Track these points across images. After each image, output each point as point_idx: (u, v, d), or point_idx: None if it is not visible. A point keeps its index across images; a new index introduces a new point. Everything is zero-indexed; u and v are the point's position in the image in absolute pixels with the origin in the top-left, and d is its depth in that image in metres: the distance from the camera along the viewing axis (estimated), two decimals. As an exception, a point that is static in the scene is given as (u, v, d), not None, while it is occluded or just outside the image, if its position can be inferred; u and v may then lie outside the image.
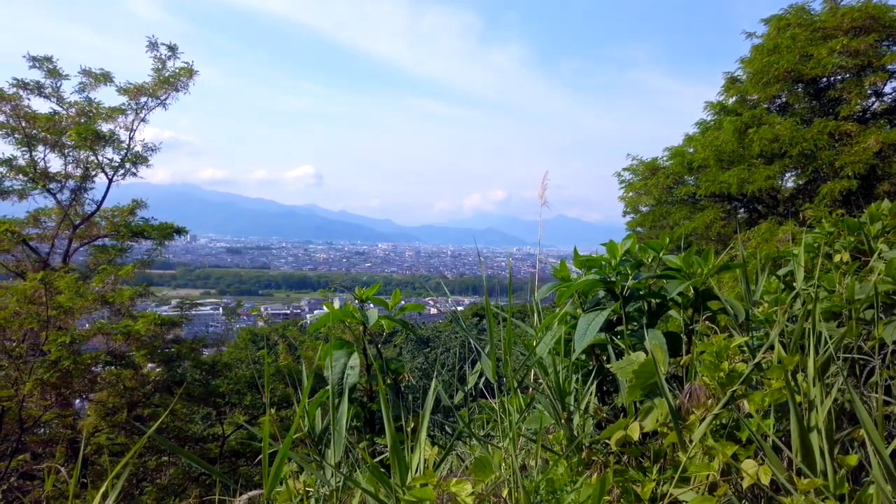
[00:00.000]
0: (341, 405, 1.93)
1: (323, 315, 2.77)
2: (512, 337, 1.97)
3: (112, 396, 10.62)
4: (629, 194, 16.11)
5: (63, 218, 12.05)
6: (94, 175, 12.54)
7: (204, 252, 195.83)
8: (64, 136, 11.88)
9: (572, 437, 1.96)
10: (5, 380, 9.16)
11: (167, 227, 12.70)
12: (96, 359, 9.85)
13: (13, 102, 11.86)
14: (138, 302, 11.71)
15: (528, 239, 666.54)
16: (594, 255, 2.64)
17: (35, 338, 9.50)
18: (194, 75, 12.53)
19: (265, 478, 1.54)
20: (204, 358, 11.73)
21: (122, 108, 12.56)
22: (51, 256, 11.96)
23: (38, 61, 12.35)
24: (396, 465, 1.47)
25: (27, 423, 9.27)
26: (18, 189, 12.25)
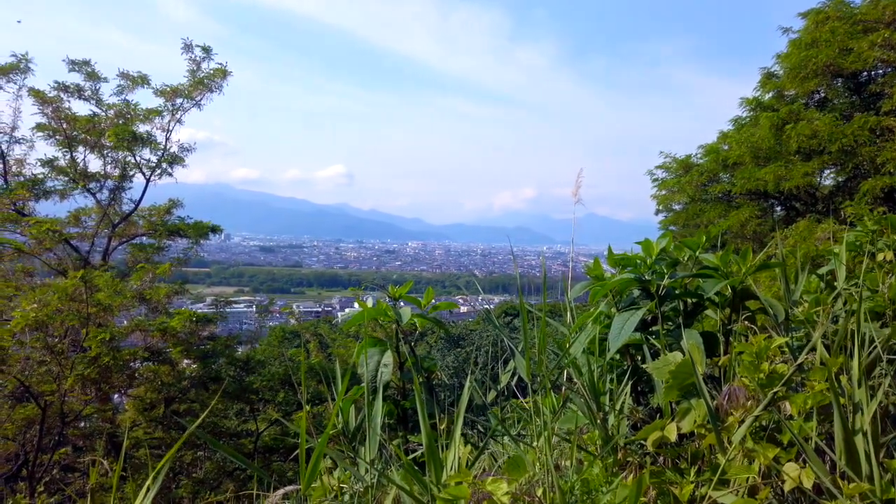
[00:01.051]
0: (376, 402, 1.95)
1: (357, 313, 2.79)
2: (546, 336, 1.96)
3: (150, 392, 10.86)
4: (662, 192, 15.91)
5: (102, 217, 12.36)
6: (132, 175, 12.83)
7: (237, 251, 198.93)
8: (103, 137, 12.17)
9: (607, 438, 1.94)
10: (48, 375, 9.43)
11: (202, 225, 12.92)
12: (134, 355, 10.07)
13: (55, 105, 12.20)
14: (174, 299, 11.96)
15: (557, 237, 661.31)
16: (629, 254, 2.61)
17: (76, 334, 9.75)
18: (228, 76, 12.73)
19: (302, 473, 1.56)
20: (238, 355, 11.92)
21: (159, 110, 12.82)
22: (91, 255, 12.27)
23: (76, 65, 12.67)
24: (431, 463, 1.48)
25: (69, 417, 9.52)
26: (60, 189, 12.59)
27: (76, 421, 10.02)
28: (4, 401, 9.53)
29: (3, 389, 9.80)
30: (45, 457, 9.39)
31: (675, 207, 15.69)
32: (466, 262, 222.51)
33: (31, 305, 9.07)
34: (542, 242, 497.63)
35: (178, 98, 12.69)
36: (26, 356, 9.35)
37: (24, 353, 9.39)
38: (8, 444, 9.53)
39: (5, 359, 9.00)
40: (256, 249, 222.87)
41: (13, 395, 9.62)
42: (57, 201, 12.54)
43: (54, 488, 9.86)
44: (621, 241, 17.92)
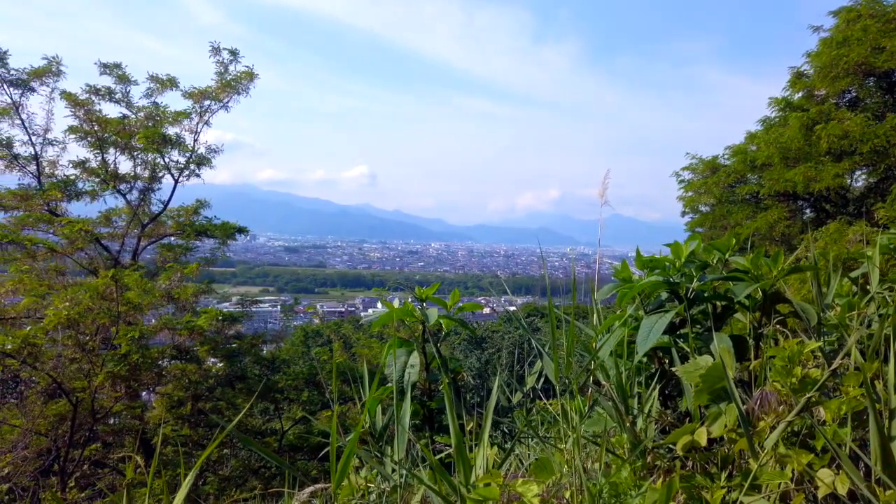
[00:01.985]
0: (404, 402, 1.96)
1: (384, 314, 2.81)
2: (574, 338, 1.96)
3: (177, 389, 11.03)
4: (688, 194, 15.74)
5: (132, 217, 12.59)
6: (161, 176, 13.06)
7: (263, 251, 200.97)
8: (133, 139, 12.40)
9: (636, 441, 1.93)
10: (79, 372, 9.62)
11: (229, 226, 13.10)
12: (163, 353, 10.24)
13: (86, 107, 12.45)
14: (201, 298, 12.13)
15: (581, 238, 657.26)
16: (657, 256, 2.59)
17: (106, 332, 9.94)
18: (254, 79, 12.88)
19: (333, 472, 1.58)
20: (263, 354, 12.06)
21: (187, 112, 13.02)
22: (121, 254, 12.51)
23: (107, 68, 12.93)
24: (460, 464, 1.49)
25: (99, 413, 9.71)
26: (91, 190, 12.85)
27: (106, 417, 10.21)
28: (37, 397, 9.75)
29: (36, 386, 10.03)
30: (77, 452, 9.59)
31: (702, 209, 15.51)
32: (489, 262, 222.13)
33: (64, 304, 9.27)
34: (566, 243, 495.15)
35: (206, 100, 12.88)
36: (58, 353, 9.56)
37: (57, 350, 9.61)
38: (40, 439, 9.74)
39: (38, 356, 9.21)
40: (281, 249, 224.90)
41: (46, 392, 9.83)
42: (88, 202, 12.81)
43: (85, 483, 10.06)
44: (646, 242, 17.49)
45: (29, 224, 11.96)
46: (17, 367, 9.48)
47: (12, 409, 10.03)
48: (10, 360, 8.99)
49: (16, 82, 12.15)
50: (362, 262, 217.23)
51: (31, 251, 11.63)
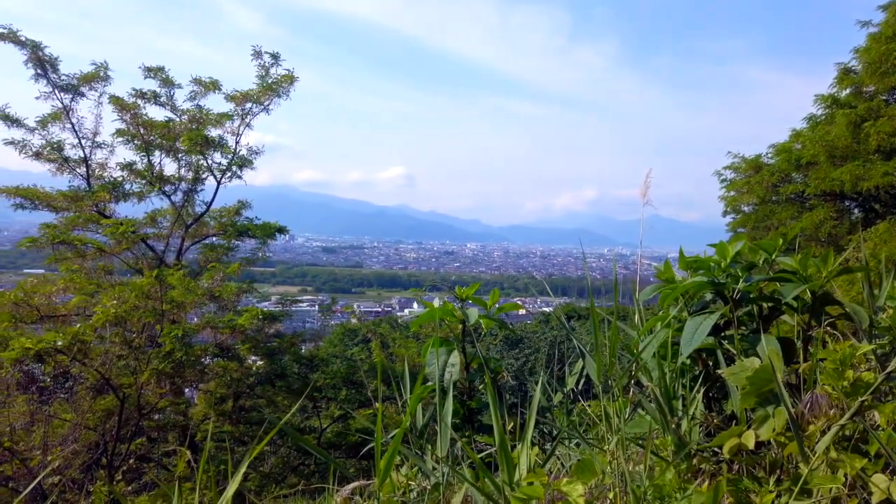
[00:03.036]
0: (447, 401, 1.98)
1: (425, 313, 2.83)
2: (618, 339, 1.95)
3: (219, 387, 11.26)
4: (730, 193, 15.45)
5: (177, 218, 12.91)
6: (205, 178, 13.36)
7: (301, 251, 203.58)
8: (177, 141, 12.72)
9: (680, 443, 1.91)
10: (126, 369, 9.91)
11: (270, 226, 13.32)
12: (205, 351, 10.47)
13: (133, 111, 12.81)
14: (242, 298, 12.37)
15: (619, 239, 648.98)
16: (701, 257, 2.55)
17: (151, 330, 10.21)
18: (295, 82, 13.09)
19: (377, 469, 1.60)
20: (303, 352, 12.23)
21: (229, 115, 13.29)
22: (166, 254, 12.84)
23: (151, 71, 13.29)
24: (504, 463, 1.49)
25: (145, 409, 9.98)
26: (137, 191, 13.21)
27: (151, 413, 10.48)
28: (86, 392, 10.06)
29: (85, 381, 10.35)
30: (123, 446, 9.86)
31: (745, 209, 15.20)
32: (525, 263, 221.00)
33: (112, 302, 9.56)
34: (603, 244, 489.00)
35: (248, 103, 13.12)
36: (106, 350, 9.85)
37: (105, 347, 9.91)
38: (89, 433, 10.05)
39: (87, 352, 9.50)
40: (319, 250, 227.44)
41: (94, 387, 10.14)
42: (135, 203, 13.18)
43: (131, 477, 10.35)
44: (686, 243, 17.25)
45: (79, 224, 12.36)
46: (68, 363, 9.80)
47: (63, 404, 10.37)
48: (61, 356, 9.29)
49: (66, 87, 12.56)
50: (399, 263, 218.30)
51: (81, 251, 12.01)
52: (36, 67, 12.20)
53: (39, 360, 9.10)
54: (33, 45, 11.96)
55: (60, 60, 12.35)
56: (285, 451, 12.26)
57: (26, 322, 10.51)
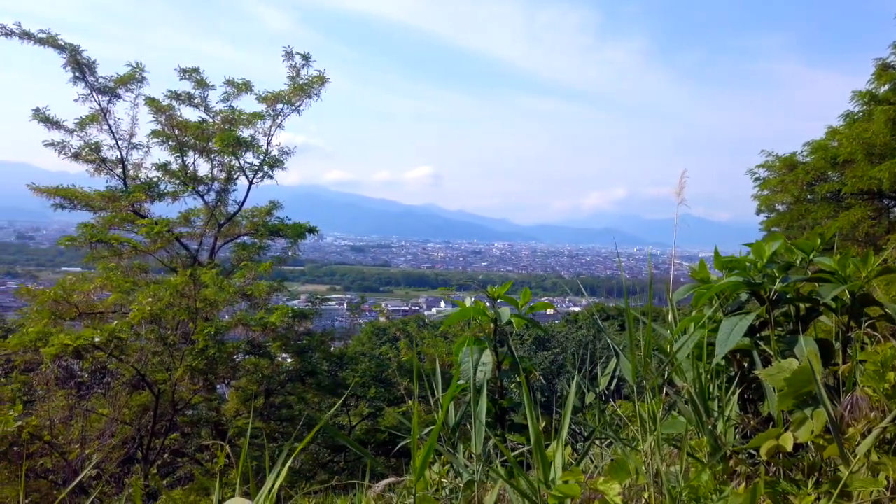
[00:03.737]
0: (481, 399, 1.99)
1: (457, 311, 2.85)
2: (651, 339, 1.94)
3: (250, 383, 11.43)
4: (764, 192, 15.19)
5: (210, 218, 13.14)
6: (237, 178, 13.57)
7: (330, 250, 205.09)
8: (210, 142, 12.95)
9: (716, 445, 1.90)
10: (160, 365, 10.12)
11: (300, 226, 13.48)
12: (237, 348, 10.63)
13: (168, 113, 13.07)
14: (273, 296, 12.53)
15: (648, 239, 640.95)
16: (737, 257, 2.53)
17: (185, 327, 10.41)
18: (325, 83, 13.21)
19: (413, 465, 1.62)
20: (332, 350, 12.34)
21: (261, 115, 13.48)
22: (199, 253, 13.07)
23: (186, 73, 13.54)
24: (539, 461, 1.50)
25: (178, 404, 10.17)
26: (171, 191, 13.47)
27: (185, 409, 10.67)
28: (123, 388, 10.30)
29: (121, 377, 10.60)
30: (158, 441, 10.07)
31: (779, 208, 14.93)
32: (553, 263, 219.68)
33: (147, 300, 9.76)
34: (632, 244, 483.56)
35: (279, 104, 13.29)
36: (142, 347, 10.07)
37: (140, 343, 10.13)
38: (125, 428, 10.29)
39: (124, 349, 9.72)
40: (347, 249, 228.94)
41: (130, 383, 10.38)
42: (169, 203, 13.43)
43: (165, 471, 10.56)
44: (717, 242, 16.95)
45: (115, 224, 12.65)
46: (105, 359, 10.04)
47: (100, 399, 10.63)
48: (98, 352, 9.52)
49: (103, 90, 12.86)
50: (426, 262, 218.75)
51: (117, 250, 12.30)
52: (74, 70, 12.51)
53: (78, 356, 9.33)
54: (72, 48, 12.27)
55: (98, 63, 12.66)
56: (314, 447, 12.39)
57: (65, 319, 10.80)
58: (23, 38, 11.99)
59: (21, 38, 11.97)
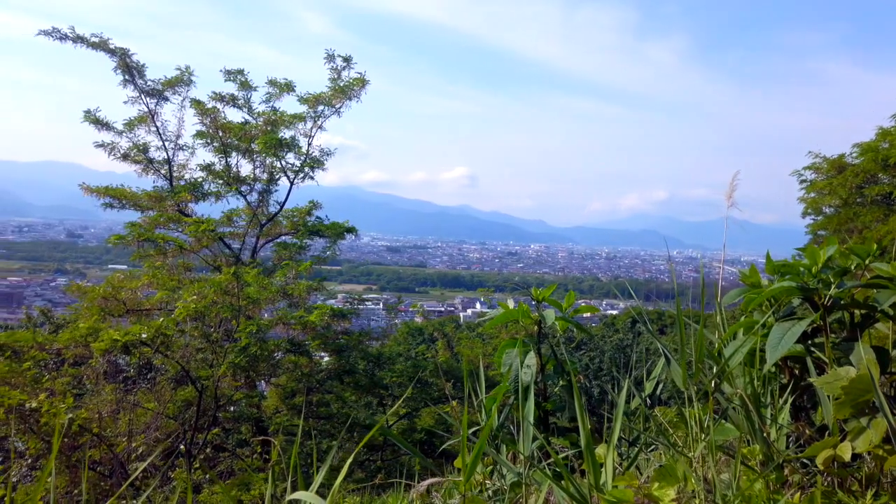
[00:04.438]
0: (528, 402, 1.99)
1: (501, 313, 2.85)
2: (703, 344, 1.92)
3: (290, 381, 11.60)
4: (811, 195, 14.81)
5: (252, 218, 13.39)
6: (279, 179, 13.81)
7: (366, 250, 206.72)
8: (253, 143, 13.20)
9: (769, 453, 1.86)
10: (204, 362, 10.35)
11: (339, 226, 13.63)
12: (278, 346, 10.80)
13: (212, 115, 13.37)
14: (312, 295, 12.70)
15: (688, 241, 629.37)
16: (789, 261, 2.48)
17: (227, 325, 10.63)
18: (366, 85, 13.35)
19: (464, 468, 1.63)
20: (370, 350, 12.45)
21: (302, 116, 13.68)
22: (241, 252, 13.33)
23: (231, 74, 13.84)
24: (590, 465, 1.50)
25: (221, 400, 10.39)
26: (215, 191, 13.76)
27: (227, 405, 10.89)
28: (167, 383, 10.56)
29: (166, 373, 10.87)
30: (201, 436, 10.30)
31: (826, 211, 14.54)
32: (590, 265, 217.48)
33: (192, 297, 9.99)
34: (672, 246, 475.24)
35: (320, 105, 13.48)
36: (186, 343, 10.32)
37: (185, 340, 10.37)
38: (170, 422, 10.55)
39: (169, 345, 9.96)
40: (384, 249, 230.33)
41: (175, 379, 10.64)
42: (213, 202, 13.74)
43: (206, 466, 10.79)
44: (762, 245, 16.46)
45: (161, 223, 12.99)
46: (151, 354, 10.31)
47: (146, 394, 10.92)
48: (145, 348, 9.78)
49: (152, 92, 13.22)
50: (461, 263, 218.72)
51: (163, 248, 12.61)
52: (124, 73, 12.88)
53: (126, 352, 9.60)
54: (122, 52, 12.64)
55: (146, 67, 13.02)
56: (351, 445, 12.50)
57: (114, 315, 11.12)
58: (76, 41, 12.39)
59: (74, 41, 12.38)
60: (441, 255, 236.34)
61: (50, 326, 15.19)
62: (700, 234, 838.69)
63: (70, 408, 8.60)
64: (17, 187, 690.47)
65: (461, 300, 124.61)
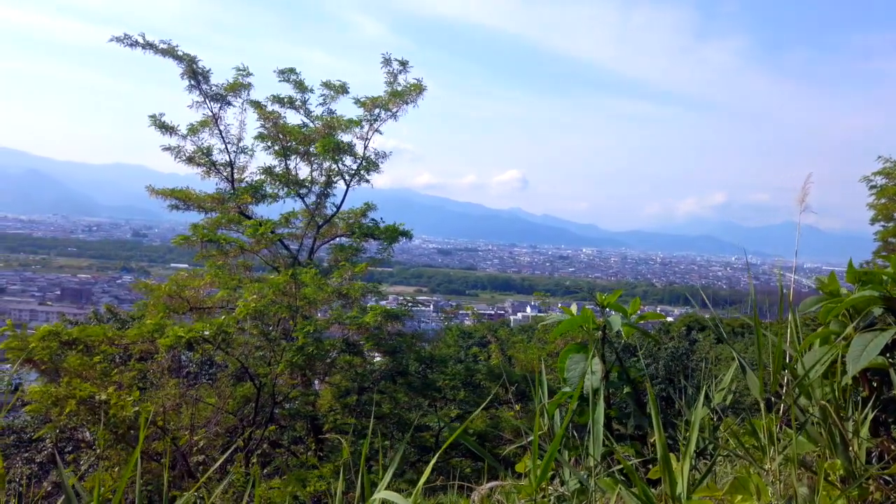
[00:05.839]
0: (598, 407, 1.98)
1: (567, 319, 2.84)
2: (781, 355, 1.86)
3: (344, 380, 11.77)
4: (881, 200, 14.19)
5: (310, 219, 13.67)
6: (336, 182, 14.06)
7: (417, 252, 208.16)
8: (312, 146, 13.48)
9: (850, 468, 1.80)
10: (262, 360, 10.61)
11: (394, 229, 13.77)
12: (334, 346, 10.98)
13: (273, 119, 13.71)
14: (365, 296, 12.86)
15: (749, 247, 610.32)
16: (870, 269, 2.38)
17: (285, 324, 10.87)
18: (423, 91, 13.47)
19: (533, 472, 1.63)
20: (424, 352, 12.52)
21: (358, 120, 13.89)
22: (299, 253, 13.61)
23: (284, 73, 14.16)
24: (666, 475, 1.47)
25: (278, 398, 10.62)
26: (274, 193, 14.09)
27: (283, 402, 11.13)
28: (227, 379, 10.87)
29: (226, 369, 11.19)
30: (258, 432, 10.55)
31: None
32: (644, 270, 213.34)
33: (252, 297, 10.26)
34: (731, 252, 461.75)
35: (377, 109, 13.66)
36: (246, 341, 10.59)
37: (245, 338, 10.65)
38: (229, 417, 10.85)
39: (230, 342, 10.25)
40: (434, 251, 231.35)
41: (234, 375, 10.94)
42: (270, 204, 14.07)
43: (263, 461, 11.05)
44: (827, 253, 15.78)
45: (222, 224, 13.39)
46: (213, 351, 10.63)
47: (207, 389, 11.27)
48: (207, 345, 10.09)
49: (215, 97, 13.65)
50: (512, 266, 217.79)
51: (224, 248, 12.99)
52: (190, 79, 13.34)
53: (189, 348, 9.91)
54: (189, 58, 13.10)
55: (211, 72, 13.45)
56: (402, 445, 12.58)
57: (178, 312, 11.51)
58: (146, 48, 12.90)
59: (144, 48, 12.88)
60: (491, 258, 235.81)
61: (116, 323, 15.83)
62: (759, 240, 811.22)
63: (136, 401, 8.94)
64: (87, 188, 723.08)
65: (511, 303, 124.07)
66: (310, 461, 10.10)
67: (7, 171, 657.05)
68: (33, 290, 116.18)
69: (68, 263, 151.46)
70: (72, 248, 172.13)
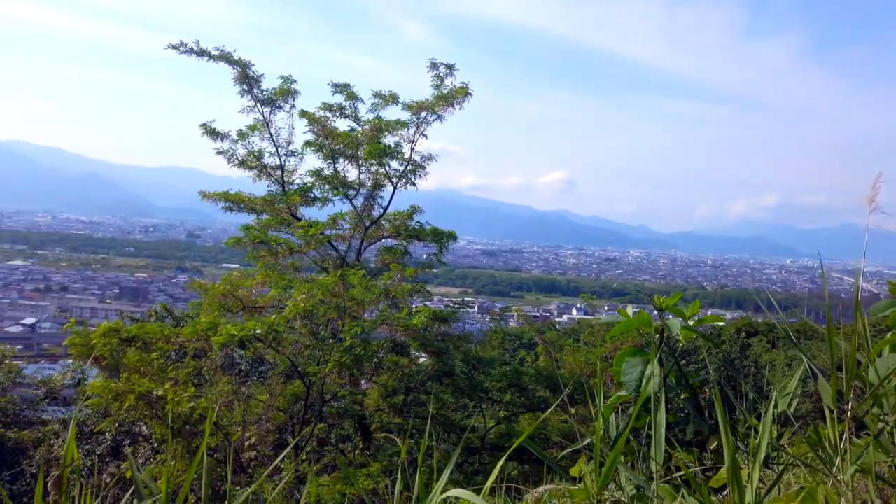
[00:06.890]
0: (659, 411, 1.94)
1: (623, 322, 2.79)
2: (855, 362, 1.79)
3: (391, 380, 11.88)
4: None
5: (357, 221, 13.84)
6: (384, 185, 14.20)
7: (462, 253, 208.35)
8: (359, 150, 13.65)
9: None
10: (311, 359, 10.78)
11: (441, 232, 13.84)
12: (381, 347, 11.09)
13: (321, 124, 13.94)
14: (412, 297, 12.94)
15: (803, 250, 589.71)
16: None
17: (333, 325, 11.03)
18: (469, 95, 13.50)
19: (596, 475, 1.61)
20: (471, 353, 12.53)
21: (405, 122, 14.00)
22: (347, 254, 13.80)
23: (338, 87, 14.38)
24: (734, 484, 1.44)
25: (327, 396, 10.79)
26: (323, 196, 14.31)
27: (332, 400, 11.29)
28: (278, 377, 11.09)
29: (277, 367, 11.42)
30: (307, 430, 10.74)
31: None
32: (694, 273, 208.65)
33: (301, 297, 10.44)
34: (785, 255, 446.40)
35: (423, 112, 13.74)
36: (296, 340, 10.79)
37: (295, 337, 10.85)
38: (279, 414, 11.07)
39: (280, 341, 10.46)
40: (479, 253, 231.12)
41: (285, 373, 11.15)
42: (320, 206, 14.29)
43: (313, 458, 11.23)
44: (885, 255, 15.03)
45: (273, 226, 13.67)
46: (264, 350, 10.87)
47: (258, 387, 11.52)
48: (258, 343, 10.33)
49: (266, 101, 13.94)
50: (558, 268, 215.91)
51: (275, 249, 13.26)
52: (242, 84, 13.66)
53: (241, 346, 10.16)
54: (243, 64, 13.42)
55: (263, 77, 13.75)
56: (448, 447, 12.61)
57: (231, 311, 11.81)
58: (200, 55, 13.27)
59: (199, 55, 13.26)
60: (537, 259, 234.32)
61: (171, 321, 16.32)
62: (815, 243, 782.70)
63: (192, 397, 9.21)
64: (143, 191, 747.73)
65: (557, 305, 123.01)
66: (358, 459, 10.21)
67: (65, 172, 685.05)
68: (94, 288, 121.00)
69: (126, 263, 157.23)
70: (129, 248, 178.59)
